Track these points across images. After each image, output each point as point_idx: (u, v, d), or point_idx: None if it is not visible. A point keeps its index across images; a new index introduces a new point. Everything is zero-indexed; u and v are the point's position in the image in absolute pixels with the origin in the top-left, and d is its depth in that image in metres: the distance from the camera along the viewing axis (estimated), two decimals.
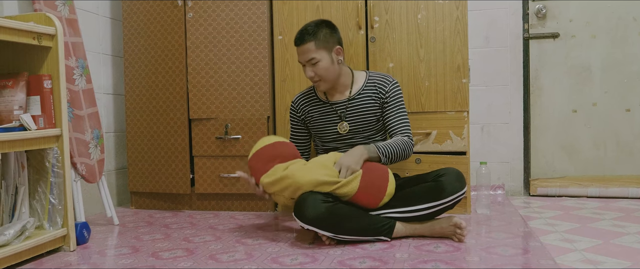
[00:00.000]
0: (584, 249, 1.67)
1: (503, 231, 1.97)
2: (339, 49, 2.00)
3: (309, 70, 1.98)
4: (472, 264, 1.54)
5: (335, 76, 2.01)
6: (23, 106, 1.74)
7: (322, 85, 2.02)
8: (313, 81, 2.00)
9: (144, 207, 2.68)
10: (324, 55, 1.95)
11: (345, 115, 2.05)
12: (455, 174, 1.86)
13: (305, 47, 1.95)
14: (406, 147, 1.97)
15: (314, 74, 1.97)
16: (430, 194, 1.84)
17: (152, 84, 2.60)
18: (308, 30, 1.95)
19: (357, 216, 1.80)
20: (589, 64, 2.80)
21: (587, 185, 2.74)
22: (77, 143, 2.11)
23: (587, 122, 2.82)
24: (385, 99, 2.03)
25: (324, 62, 1.95)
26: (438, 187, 1.83)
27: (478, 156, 2.87)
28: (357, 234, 1.80)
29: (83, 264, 1.67)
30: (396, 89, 2.05)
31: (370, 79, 2.07)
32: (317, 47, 1.94)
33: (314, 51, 1.94)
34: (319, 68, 1.96)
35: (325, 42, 1.95)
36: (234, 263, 1.62)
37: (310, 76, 1.99)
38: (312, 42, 1.93)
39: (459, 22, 2.26)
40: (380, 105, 2.05)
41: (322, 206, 1.74)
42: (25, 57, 1.82)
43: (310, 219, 1.74)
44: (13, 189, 1.77)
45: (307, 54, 1.95)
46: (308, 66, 1.98)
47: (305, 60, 1.97)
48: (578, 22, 2.80)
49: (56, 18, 1.80)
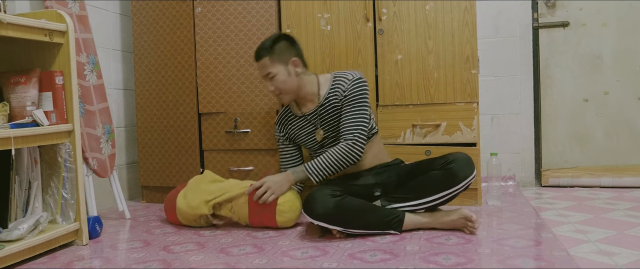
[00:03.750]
0: (597, 240, 1.66)
1: (515, 222, 1.96)
2: (296, 60, 2.00)
3: (268, 84, 2.01)
4: (484, 256, 1.54)
5: (295, 88, 2.01)
6: (35, 102, 1.75)
7: (284, 98, 2.03)
8: (275, 94, 2.03)
9: (155, 201, 2.70)
10: (280, 69, 1.97)
11: (319, 123, 2.04)
12: (465, 159, 1.86)
13: (261, 62, 1.99)
14: (343, 155, 1.90)
15: (273, 87, 2.00)
16: (443, 183, 1.84)
17: (162, 79, 2.61)
18: (264, 45, 1.99)
19: (366, 210, 1.81)
20: (600, 52, 2.77)
21: (600, 175, 2.72)
22: (88, 138, 2.13)
23: (599, 112, 2.79)
24: (343, 98, 1.97)
25: (281, 75, 1.97)
26: (449, 174, 1.84)
27: (488, 147, 2.85)
28: (366, 227, 1.80)
29: (95, 258, 1.69)
30: (354, 87, 1.96)
31: (334, 81, 2.01)
32: (273, 61, 1.97)
33: (269, 66, 1.97)
34: (276, 82, 1.98)
35: (280, 55, 1.98)
36: (244, 256, 1.63)
37: (270, 90, 2.01)
38: (267, 57, 1.97)
39: (468, 13, 2.24)
40: (341, 105, 1.99)
41: (331, 201, 1.76)
42: (37, 54, 1.84)
43: (320, 214, 1.75)
44: (26, 184, 1.79)
45: (264, 69, 1.99)
46: (267, 81, 2.00)
47: (263, 75, 2.01)
48: (588, 11, 2.77)
49: (67, 15, 1.82)
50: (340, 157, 1.91)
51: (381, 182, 2.01)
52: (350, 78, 1.98)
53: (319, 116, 2.03)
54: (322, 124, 2.03)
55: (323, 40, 2.39)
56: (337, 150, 1.92)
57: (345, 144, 1.91)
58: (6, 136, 1.55)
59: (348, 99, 1.95)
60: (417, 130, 2.30)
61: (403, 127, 2.31)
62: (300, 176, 1.94)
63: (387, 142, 2.32)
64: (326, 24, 2.38)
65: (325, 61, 2.39)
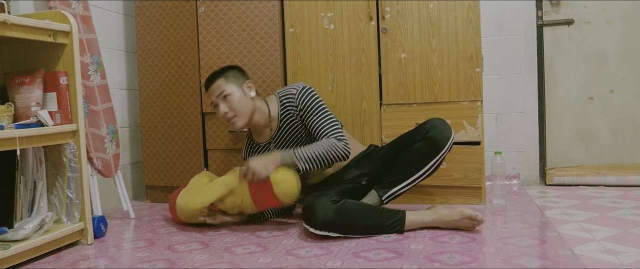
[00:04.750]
0: (602, 239, 1.66)
1: (519, 221, 1.96)
2: (250, 83, 2.02)
3: (222, 106, 1.97)
4: (488, 255, 1.53)
5: (250, 110, 1.99)
6: (40, 102, 1.76)
7: (238, 121, 1.97)
8: (227, 118, 1.97)
9: (160, 200, 2.71)
10: (234, 89, 1.97)
11: (279, 148, 2.05)
12: (440, 124, 1.89)
13: (215, 84, 1.98)
14: (332, 147, 1.87)
15: (227, 109, 1.96)
16: (427, 153, 1.86)
17: (166, 79, 2.61)
18: (216, 71, 2.02)
19: (367, 213, 1.79)
20: (605, 50, 2.76)
21: (605, 173, 2.70)
22: (93, 138, 2.13)
23: (604, 110, 2.78)
24: (299, 112, 1.98)
25: (236, 94, 1.96)
26: (431, 142, 1.86)
27: (492, 146, 2.85)
28: (368, 233, 1.78)
29: (101, 257, 1.70)
30: (304, 98, 1.97)
31: (281, 101, 2.02)
32: (227, 81, 1.97)
33: (224, 85, 1.97)
34: (231, 101, 1.96)
35: (234, 78, 2.00)
36: (249, 255, 1.64)
37: (224, 112, 1.96)
38: (221, 78, 1.98)
39: (471, 11, 2.24)
40: (301, 120, 2.00)
41: (331, 207, 1.73)
42: (41, 55, 1.84)
43: (321, 223, 1.73)
44: (31, 184, 1.80)
45: (218, 89, 1.97)
46: (220, 102, 1.97)
47: (216, 95, 1.97)
48: (593, 8, 2.76)
49: (71, 15, 1.82)
50: (330, 149, 1.86)
51: (366, 171, 2.03)
52: (295, 92, 1.98)
53: (281, 139, 2.05)
54: (289, 146, 2.04)
55: (326, 39, 2.39)
56: (326, 142, 1.88)
57: (332, 139, 1.89)
58: (11, 136, 1.56)
59: (305, 111, 1.97)
60: None
61: (407, 126, 2.30)
62: (286, 160, 1.84)
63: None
64: (329, 22, 2.38)
65: (329, 60, 2.39)
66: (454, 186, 2.28)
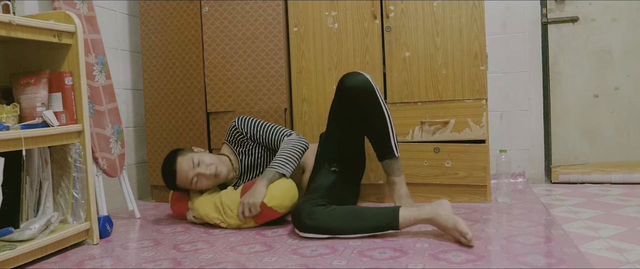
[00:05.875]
0: (608, 237, 1.65)
1: (525, 219, 1.95)
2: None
3: (205, 174, 2.02)
4: (494, 253, 1.53)
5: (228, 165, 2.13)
6: (45, 102, 1.77)
7: (221, 176, 2.07)
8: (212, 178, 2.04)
9: (165, 200, 2.71)
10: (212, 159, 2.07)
11: (250, 176, 2.20)
12: (347, 75, 1.93)
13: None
14: (293, 144, 2.05)
15: (209, 172, 2.02)
16: (369, 102, 1.93)
17: (170, 79, 2.62)
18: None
19: (357, 216, 1.77)
20: (610, 47, 2.74)
21: (611, 171, 2.69)
22: (98, 138, 2.14)
23: (610, 107, 2.77)
24: (248, 135, 2.16)
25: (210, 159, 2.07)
26: (362, 94, 1.91)
27: (497, 144, 2.84)
28: (358, 234, 1.76)
29: (106, 257, 1.71)
30: (245, 122, 2.15)
31: (230, 141, 2.21)
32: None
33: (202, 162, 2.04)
34: (210, 167, 2.04)
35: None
36: (254, 254, 1.64)
37: (210, 173, 2.03)
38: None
39: (476, 9, 2.23)
40: (253, 141, 2.17)
41: (316, 210, 1.76)
42: (46, 55, 1.85)
43: (308, 227, 1.76)
44: (37, 184, 1.80)
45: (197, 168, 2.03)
46: (204, 172, 2.02)
47: (195, 175, 2.03)
48: (598, 5, 2.74)
49: (75, 16, 1.83)
50: (292, 146, 2.04)
51: (329, 158, 2.05)
52: (236, 125, 2.16)
53: (248, 168, 2.18)
54: (256, 168, 2.19)
55: (330, 39, 2.39)
56: (285, 144, 2.06)
57: (286, 139, 2.08)
58: (17, 136, 1.57)
59: (253, 132, 2.14)
60: (425, 127, 2.29)
61: (411, 124, 2.30)
62: (272, 177, 1.95)
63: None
64: (333, 22, 2.38)
65: (333, 59, 2.39)
66: (459, 184, 2.28)
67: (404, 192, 2.01)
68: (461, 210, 2.14)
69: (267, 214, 1.95)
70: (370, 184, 2.38)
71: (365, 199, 2.40)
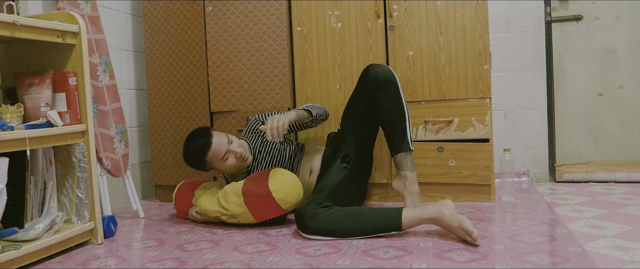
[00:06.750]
0: (613, 236, 1.64)
1: (529, 218, 1.95)
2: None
3: (232, 157, 2.04)
4: (498, 252, 1.53)
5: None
6: (49, 103, 1.77)
7: (248, 160, 2.09)
8: (241, 162, 2.06)
9: (168, 200, 2.72)
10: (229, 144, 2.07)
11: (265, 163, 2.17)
12: (371, 67, 1.97)
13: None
14: (319, 106, 2.21)
15: (238, 155, 2.04)
16: (393, 94, 1.94)
17: (174, 79, 2.62)
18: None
19: (359, 217, 1.76)
20: (614, 46, 2.73)
21: (615, 170, 2.68)
22: (102, 138, 2.14)
23: (614, 106, 2.75)
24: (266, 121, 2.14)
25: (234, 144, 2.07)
26: (387, 84, 1.93)
27: (501, 143, 2.83)
28: (360, 236, 1.75)
29: (111, 257, 1.71)
30: (263, 116, 2.22)
31: (248, 132, 2.22)
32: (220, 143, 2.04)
33: (223, 147, 2.02)
34: (235, 153, 2.04)
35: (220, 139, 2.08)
36: (258, 254, 1.64)
37: (239, 155, 2.04)
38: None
39: (479, 8, 2.22)
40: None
41: (319, 212, 1.76)
42: (50, 55, 1.86)
43: (312, 228, 1.75)
44: (42, 184, 1.81)
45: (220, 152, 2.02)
46: (230, 157, 2.04)
47: (221, 159, 2.03)
48: (601, 4, 2.73)
49: (79, 16, 1.83)
50: (315, 105, 2.19)
51: (341, 154, 2.06)
52: (256, 117, 2.23)
53: (264, 155, 2.16)
54: (274, 155, 2.16)
55: (334, 38, 2.39)
56: (312, 104, 2.18)
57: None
58: (21, 136, 1.57)
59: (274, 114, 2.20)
60: (429, 126, 2.29)
61: (415, 123, 2.30)
62: (299, 113, 2.03)
63: None
64: (337, 21, 2.38)
65: (337, 58, 2.39)
66: (463, 183, 2.27)
67: (415, 190, 1.92)
68: (465, 209, 2.13)
69: (268, 205, 1.91)
70: (374, 184, 2.38)
71: (369, 198, 2.40)
